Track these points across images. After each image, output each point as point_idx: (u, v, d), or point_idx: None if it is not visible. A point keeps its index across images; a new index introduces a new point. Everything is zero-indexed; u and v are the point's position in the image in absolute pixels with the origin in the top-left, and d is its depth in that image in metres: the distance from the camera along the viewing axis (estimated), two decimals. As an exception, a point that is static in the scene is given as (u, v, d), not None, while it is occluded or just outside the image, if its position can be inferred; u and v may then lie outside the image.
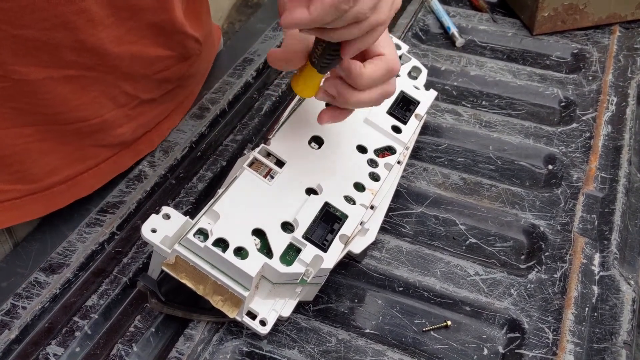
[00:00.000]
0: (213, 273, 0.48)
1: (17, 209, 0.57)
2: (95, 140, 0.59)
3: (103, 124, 0.58)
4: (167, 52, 0.61)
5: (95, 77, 0.54)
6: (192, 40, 0.64)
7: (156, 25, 0.58)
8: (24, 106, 0.52)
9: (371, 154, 0.59)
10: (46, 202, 0.59)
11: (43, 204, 0.59)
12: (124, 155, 0.64)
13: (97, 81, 0.55)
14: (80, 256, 0.57)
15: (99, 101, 0.56)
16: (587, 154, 0.68)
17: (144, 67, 0.59)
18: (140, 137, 0.64)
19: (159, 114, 0.66)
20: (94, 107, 0.56)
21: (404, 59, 0.69)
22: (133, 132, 0.62)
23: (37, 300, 0.53)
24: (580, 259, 0.57)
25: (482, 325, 0.54)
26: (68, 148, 0.57)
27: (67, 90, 0.53)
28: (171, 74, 0.64)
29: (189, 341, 0.51)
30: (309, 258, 0.50)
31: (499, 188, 0.65)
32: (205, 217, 0.50)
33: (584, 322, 0.53)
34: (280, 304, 0.51)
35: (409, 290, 0.56)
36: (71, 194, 0.60)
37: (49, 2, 0.47)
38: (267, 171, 0.54)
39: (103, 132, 0.59)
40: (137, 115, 0.62)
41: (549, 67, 0.82)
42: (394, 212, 0.63)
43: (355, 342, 0.52)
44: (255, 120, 0.71)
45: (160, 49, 0.60)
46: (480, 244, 0.61)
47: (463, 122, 0.73)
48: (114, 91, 0.57)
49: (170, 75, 0.64)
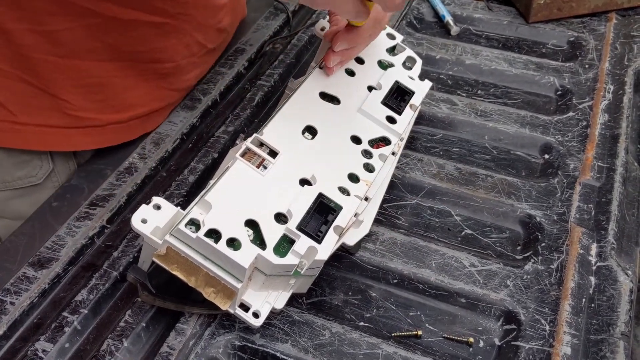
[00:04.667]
0: (205, 264, 0.47)
1: (98, 135, 0.63)
2: (168, 84, 0.65)
3: (176, 69, 0.64)
4: (224, 1, 0.70)
5: (175, 25, 0.61)
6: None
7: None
8: (114, 42, 0.58)
9: (365, 144, 0.58)
10: (123, 133, 0.64)
11: (121, 134, 0.64)
12: (184, 97, 0.69)
13: (177, 30, 0.62)
14: (70, 250, 0.56)
15: (175, 48, 0.63)
16: (584, 143, 0.67)
17: (212, 17, 0.68)
18: (198, 82, 0.71)
19: (214, 60, 0.74)
20: (170, 53, 0.63)
21: (399, 49, 0.68)
22: (195, 78, 0.69)
23: (26, 296, 0.52)
24: (577, 249, 0.57)
25: (477, 317, 0.54)
26: (146, 86, 0.63)
27: (151, 34, 0.60)
28: (226, 23, 0.72)
29: (180, 335, 0.50)
30: (303, 249, 0.49)
31: (494, 178, 0.64)
32: (197, 207, 0.49)
33: (581, 313, 0.52)
34: (274, 296, 0.50)
35: (403, 283, 0.56)
36: (142, 128, 0.66)
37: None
38: (260, 161, 0.53)
39: (175, 76, 0.65)
40: (202, 63, 0.69)
41: (545, 55, 0.81)
42: (389, 203, 0.62)
43: (349, 335, 0.51)
44: (247, 112, 0.70)
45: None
46: (475, 235, 0.60)
47: (458, 111, 0.72)
48: (188, 40, 0.64)
49: (226, 25, 0.72)
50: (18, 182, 0.62)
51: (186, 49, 0.65)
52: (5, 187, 0.62)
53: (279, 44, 0.79)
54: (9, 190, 0.62)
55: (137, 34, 0.59)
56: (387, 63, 0.66)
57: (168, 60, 0.64)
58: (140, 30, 0.59)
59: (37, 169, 0.62)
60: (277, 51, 0.78)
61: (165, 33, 0.61)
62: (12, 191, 0.62)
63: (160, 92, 0.65)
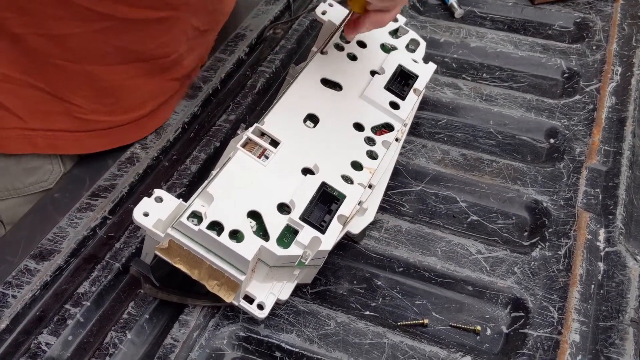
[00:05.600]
0: (208, 257, 0.47)
1: (109, 137, 0.62)
2: (171, 74, 0.64)
3: (178, 58, 0.64)
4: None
5: (178, 16, 0.60)
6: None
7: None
8: (123, 44, 0.57)
9: (368, 131, 0.57)
10: (134, 132, 0.63)
11: (132, 133, 0.63)
12: (184, 85, 0.68)
13: (179, 20, 0.61)
14: (72, 242, 0.55)
15: (178, 38, 0.62)
16: (590, 126, 0.66)
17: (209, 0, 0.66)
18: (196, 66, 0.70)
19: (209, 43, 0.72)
20: (174, 44, 0.62)
21: (402, 32, 0.67)
22: (193, 62, 0.67)
23: (28, 289, 0.52)
24: (584, 234, 0.56)
25: (485, 305, 0.53)
26: (153, 82, 0.62)
27: (157, 30, 0.59)
28: (219, 3, 0.70)
29: (184, 327, 0.49)
30: (307, 240, 0.48)
31: (500, 164, 0.63)
32: (198, 199, 0.48)
33: (590, 300, 0.51)
34: (278, 287, 0.50)
35: (409, 271, 0.55)
36: (153, 124, 0.64)
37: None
38: (262, 151, 0.52)
39: (177, 65, 0.64)
40: (197, 46, 0.67)
41: (551, 37, 0.80)
42: (393, 190, 0.62)
43: (355, 324, 0.51)
44: (248, 99, 0.69)
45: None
46: (481, 221, 0.59)
47: (463, 96, 0.71)
48: (187, 26, 0.63)
49: (218, 5, 0.70)
50: (30, 188, 0.62)
51: (185, 36, 0.64)
52: (17, 194, 0.61)
53: (279, 29, 0.78)
54: (21, 197, 0.62)
55: (144, 33, 0.59)
56: (390, 46, 0.65)
57: (172, 52, 0.63)
58: (147, 29, 0.59)
59: (49, 174, 0.62)
60: (278, 36, 0.77)
61: (169, 26, 0.61)
62: (24, 197, 0.62)
63: (165, 84, 0.65)
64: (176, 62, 0.64)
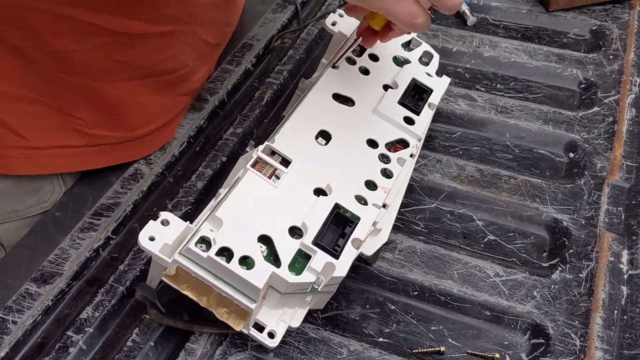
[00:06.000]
0: (217, 284, 0.45)
1: (113, 153, 0.60)
2: (181, 90, 0.63)
3: (188, 73, 0.62)
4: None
5: (183, 30, 0.59)
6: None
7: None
8: (127, 59, 0.56)
9: (382, 148, 0.55)
10: (139, 149, 0.62)
11: (136, 150, 0.62)
12: (193, 98, 0.67)
13: (185, 34, 0.60)
14: (74, 264, 0.53)
15: (185, 52, 0.61)
16: (611, 140, 0.64)
17: (215, 12, 0.65)
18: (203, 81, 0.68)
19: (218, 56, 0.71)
20: (181, 58, 0.61)
21: (414, 43, 0.64)
22: (203, 77, 0.66)
23: (29, 314, 0.50)
24: (607, 256, 0.54)
25: (503, 331, 0.51)
26: (161, 99, 0.61)
27: (162, 44, 0.58)
28: (229, 15, 0.70)
29: (190, 356, 0.47)
30: (320, 266, 0.46)
31: (517, 180, 0.61)
32: (207, 223, 0.46)
33: (613, 326, 0.49)
34: (289, 314, 0.48)
35: (424, 295, 0.53)
36: (159, 140, 0.63)
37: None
38: (272, 171, 0.50)
39: (186, 80, 0.63)
40: (209, 61, 0.67)
41: (567, 45, 0.77)
42: (406, 208, 0.59)
43: (368, 353, 0.49)
44: (256, 112, 0.67)
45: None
46: (499, 240, 0.57)
47: (478, 107, 0.69)
48: (195, 40, 0.62)
49: (228, 17, 0.70)
50: (30, 210, 0.60)
51: (193, 50, 0.62)
52: (18, 216, 0.60)
53: (287, 39, 0.76)
54: (21, 219, 0.60)
55: (147, 47, 0.57)
56: (403, 59, 0.63)
57: (180, 67, 0.61)
58: (150, 43, 0.57)
59: (49, 194, 0.60)
60: (286, 46, 0.75)
61: (173, 40, 0.59)
62: (24, 220, 0.60)
63: (174, 100, 0.63)
64: (185, 77, 0.62)
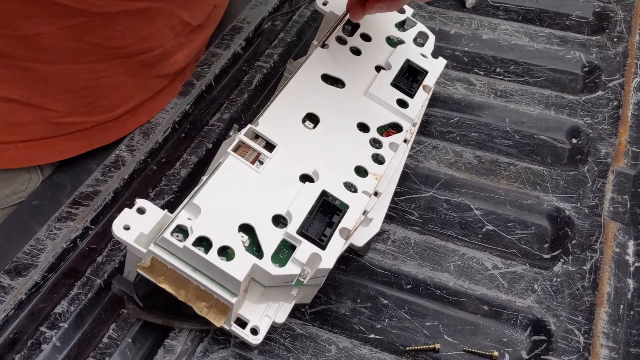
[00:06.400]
0: (195, 277, 0.42)
1: (88, 138, 0.59)
2: (157, 71, 0.61)
3: (164, 54, 0.60)
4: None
5: (159, 7, 0.57)
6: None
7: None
8: (99, 41, 0.54)
9: (374, 132, 0.52)
10: (115, 131, 0.60)
11: (112, 133, 0.60)
12: (176, 81, 0.65)
13: (161, 12, 0.57)
14: (50, 255, 0.50)
15: (162, 32, 0.59)
16: (616, 125, 0.61)
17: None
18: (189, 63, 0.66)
19: (204, 39, 0.68)
20: (157, 38, 0.58)
21: (409, 24, 0.61)
22: (184, 59, 0.63)
23: (0, 308, 0.47)
24: (612, 247, 0.51)
25: (502, 327, 0.48)
26: (135, 80, 0.59)
27: (136, 23, 0.55)
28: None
29: (169, 353, 0.45)
30: (305, 257, 0.43)
31: (517, 167, 0.58)
32: (184, 211, 0.43)
33: (619, 322, 0.46)
34: (274, 309, 0.45)
35: (418, 288, 0.50)
36: (136, 121, 0.61)
37: None
38: (255, 156, 0.47)
39: (163, 62, 0.60)
40: (189, 42, 0.64)
41: (570, 28, 0.74)
42: (400, 196, 0.57)
43: (358, 350, 0.46)
44: (244, 96, 0.64)
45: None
46: (498, 231, 0.54)
47: (476, 92, 0.66)
48: (173, 20, 0.59)
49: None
50: (7, 201, 0.58)
51: (171, 31, 0.59)
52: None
53: (278, 21, 0.73)
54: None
55: (122, 27, 0.54)
56: (397, 39, 0.60)
57: (155, 48, 0.58)
58: (125, 23, 0.54)
59: (26, 184, 0.57)
60: (277, 29, 0.72)
61: (150, 19, 0.56)
62: (1, 211, 0.58)
63: (149, 81, 0.60)
64: (161, 58, 0.59)
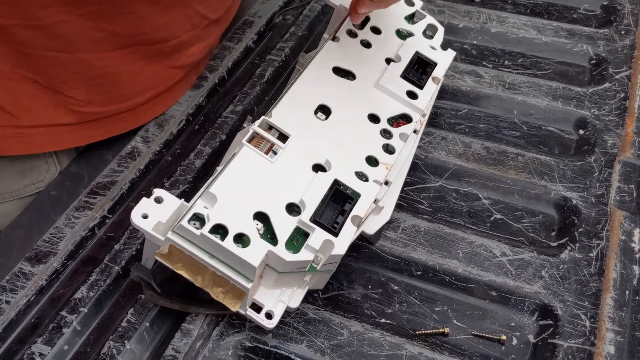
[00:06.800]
0: (212, 263, 0.43)
1: (106, 126, 0.60)
2: (173, 61, 0.61)
3: (179, 45, 0.61)
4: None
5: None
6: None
7: None
8: (115, 28, 0.54)
9: (384, 123, 0.53)
10: (131, 120, 0.61)
11: (129, 122, 0.61)
12: (191, 73, 0.65)
13: (176, 2, 0.58)
14: (69, 243, 0.52)
15: (177, 22, 0.59)
16: (623, 116, 0.62)
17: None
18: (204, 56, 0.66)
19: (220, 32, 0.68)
20: (173, 28, 0.59)
21: (418, 17, 0.62)
22: (200, 51, 0.64)
23: (22, 294, 0.49)
24: (618, 235, 0.52)
25: (510, 312, 0.49)
26: (151, 69, 0.60)
27: (151, 11, 0.56)
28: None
29: (186, 337, 0.46)
30: (318, 243, 0.44)
31: (525, 157, 0.59)
32: (201, 200, 0.45)
33: (625, 307, 0.47)
34: (288, 294, 0.46)
35: (428, 275, 0.51)
36: (152, 112, 0.62)
37: None
38: (269, 146, 0.49)
39: (179, 52, 0.61)
40: (206, 35, 0.64)
41: (577, 21, 0.75)
42: (410, 186, 0.58)
43: (370, 334, 0.47)
44: (256, 89, 0.65)
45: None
46: (506, 220, 0.55)
47: (484, 84, 0.67)
48: (189, 12, 0.60)
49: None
50: (25, 190, 0.59)
51: (188, 22, 0.60)
52: (12, 197, 0.58)
53: (290, 15, 0.74)
54: (16, 200, 0.59)
55: (137, 15, 0.55)
56: (406, 32, 0.61)
57: (171, 38, 0.59)
58: (139, 10, 0.55)
59: (44, 174, 0.58)
60: (288, 23, 0.73)
61: (165, 8, 0.57)
62: (19, 200, 0.59)
63: (166, 72, 0.61)
64: (177, 49, 0.60)
